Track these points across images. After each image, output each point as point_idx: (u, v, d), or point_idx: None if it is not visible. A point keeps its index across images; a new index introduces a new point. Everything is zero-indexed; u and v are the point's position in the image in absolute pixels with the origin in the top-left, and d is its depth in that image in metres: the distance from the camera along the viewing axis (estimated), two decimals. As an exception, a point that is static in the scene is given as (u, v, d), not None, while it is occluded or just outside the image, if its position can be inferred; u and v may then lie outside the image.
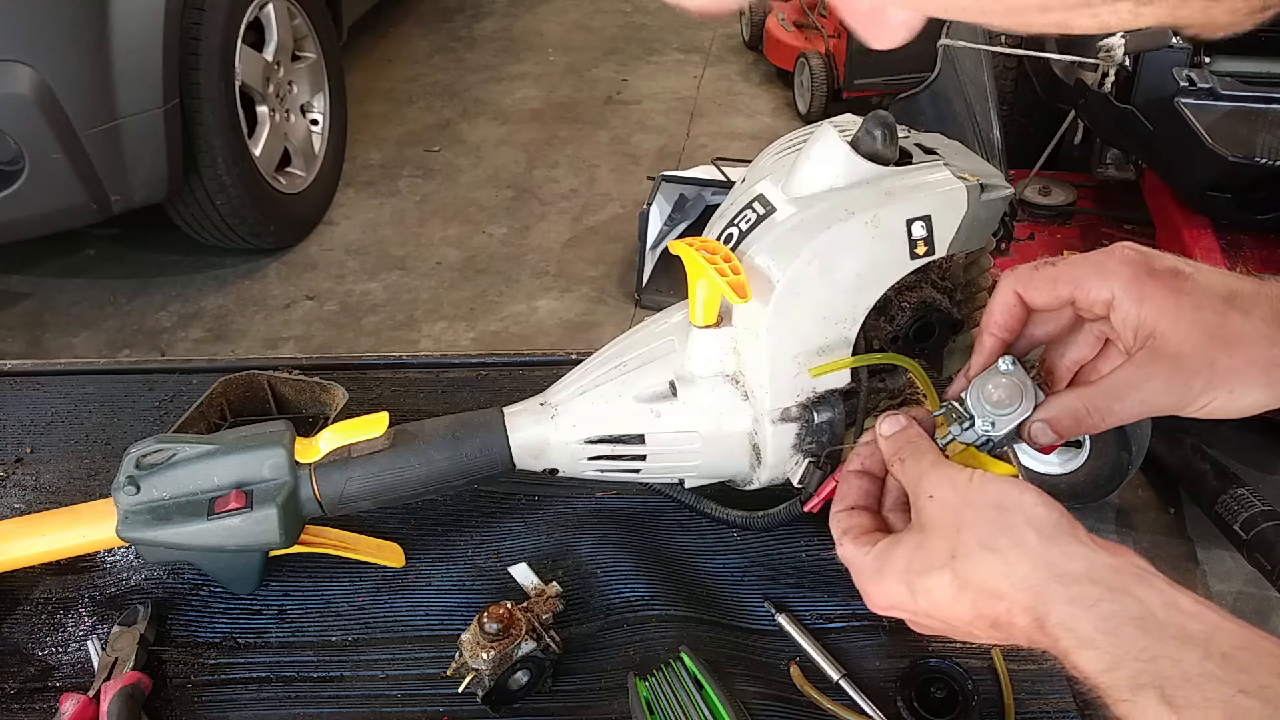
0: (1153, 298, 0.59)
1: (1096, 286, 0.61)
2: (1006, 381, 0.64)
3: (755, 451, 0.79)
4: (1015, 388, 0.63)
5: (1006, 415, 0.63)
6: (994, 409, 0.63)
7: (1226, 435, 2.30)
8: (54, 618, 0.84)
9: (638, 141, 3.94)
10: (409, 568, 0.87)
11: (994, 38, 2.52)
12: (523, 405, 0.83)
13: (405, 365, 1.12)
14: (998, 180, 0.74)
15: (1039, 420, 0.63)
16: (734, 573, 0.86)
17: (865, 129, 0.74)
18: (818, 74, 3.89)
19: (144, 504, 0.78)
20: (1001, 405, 0.63)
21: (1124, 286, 0.60)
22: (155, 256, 3.23)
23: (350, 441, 0.81)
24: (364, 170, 3.73)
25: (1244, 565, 2.02)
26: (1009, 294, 0.65)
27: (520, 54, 4.70)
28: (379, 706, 0.76)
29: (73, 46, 2.40)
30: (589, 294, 3.09)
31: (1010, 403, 0.63)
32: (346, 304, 3.07)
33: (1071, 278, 0.62)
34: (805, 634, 0.80)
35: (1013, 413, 0.63)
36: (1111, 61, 2.17)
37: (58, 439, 1.03)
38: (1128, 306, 0.60)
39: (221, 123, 2.78)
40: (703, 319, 0.76)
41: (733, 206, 0.78)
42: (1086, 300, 0.62)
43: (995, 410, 0.63)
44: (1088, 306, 0.62)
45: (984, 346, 0.66)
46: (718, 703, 0.72)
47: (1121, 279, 0.60)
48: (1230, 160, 2.04)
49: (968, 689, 0.74)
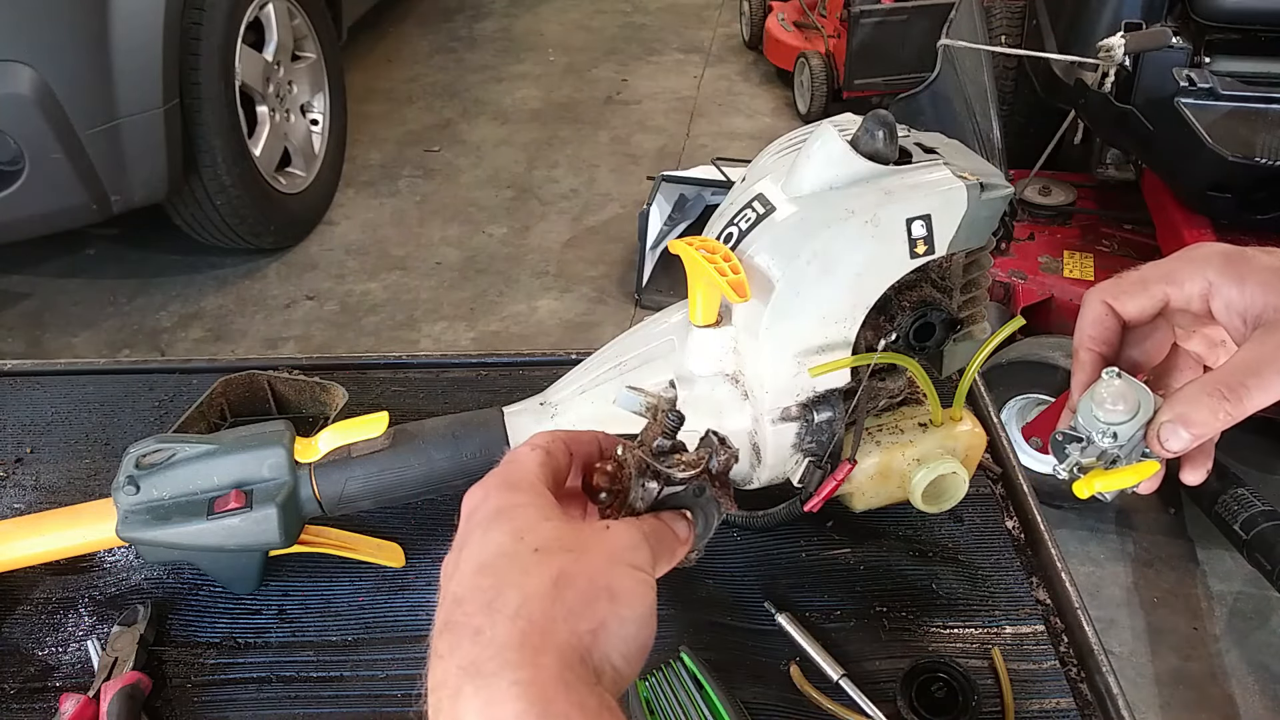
0: (1252, 276, 0.55)
1: (1190, 277, 0.57)
2: (1120, 384, 0.57)
3: (755, 451, 0.79)
4: (1130, 391, 0.56)
5: (1128, 422, 0.56)
6: (1110, 419, 0.56)
7: (1227, 435, 2.29)
8: (54, 618, 0.84)
9: (638, 141, 3.94)
10: (409, 568, 0.87)
11: (994, 38, 2.52)
12: (523, 405, 0.83)
13: (405, 365, 1.12)
14: (998, 179, 0.74)
15: (1166, 420, 0.55)
16: (734, 573, 0.86)
17: (865, 128, 0.74)
18: (818, 74, 3.89)
19: (144, 504, 0.78)
20: (1118, 412, 0.56)
21: (1218, 271, 0.56)
22: (155, 256, 3.23)
23: (350, 441, 0.81)
24: (364, 170, 3.73)
25: (1244, 565, 2.02)
26: (1098, 305, 0.60)
27: (520, 54, 4.70)
28: (379, 706, 0.76)
29: (73, 46, 2.40)
30: (589, 294, 3.10)
31: (1129, 407, 0.56)
32: (346, 304, 3.07)
33: (1160, 275, 0.58)
34: (805, 634, 0.80)
35: (1133, 417, 0.56)
36: (1111, 61, 2.17)
37: (58, 439, 1.03)
38: (1228, 291, 0.56)
39: (221, 123, 2.79)
40: (702, 318, 0.76)
41: (732, 206, 0.78)
42: (1181, 296, 0.57)
43: (1112, 420, 0.56)
44: (1184, 304, 0.58)
45: (1083, 363, 0.60)
46: (718, 703, 0.72)
47: (1213, 264, 0.57)
48: (1230, 160, 2.04)
49: (968, 689, 0.74)
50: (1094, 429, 0.57)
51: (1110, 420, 0.56)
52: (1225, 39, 2.28)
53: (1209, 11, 2.27)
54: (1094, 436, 0.57)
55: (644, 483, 0.56)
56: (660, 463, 0.56)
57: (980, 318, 0.83)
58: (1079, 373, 0.60)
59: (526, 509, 0.50)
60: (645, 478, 0.56)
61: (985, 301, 0.85)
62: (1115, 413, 0.56)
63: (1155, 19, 2.33)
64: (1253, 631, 2.04)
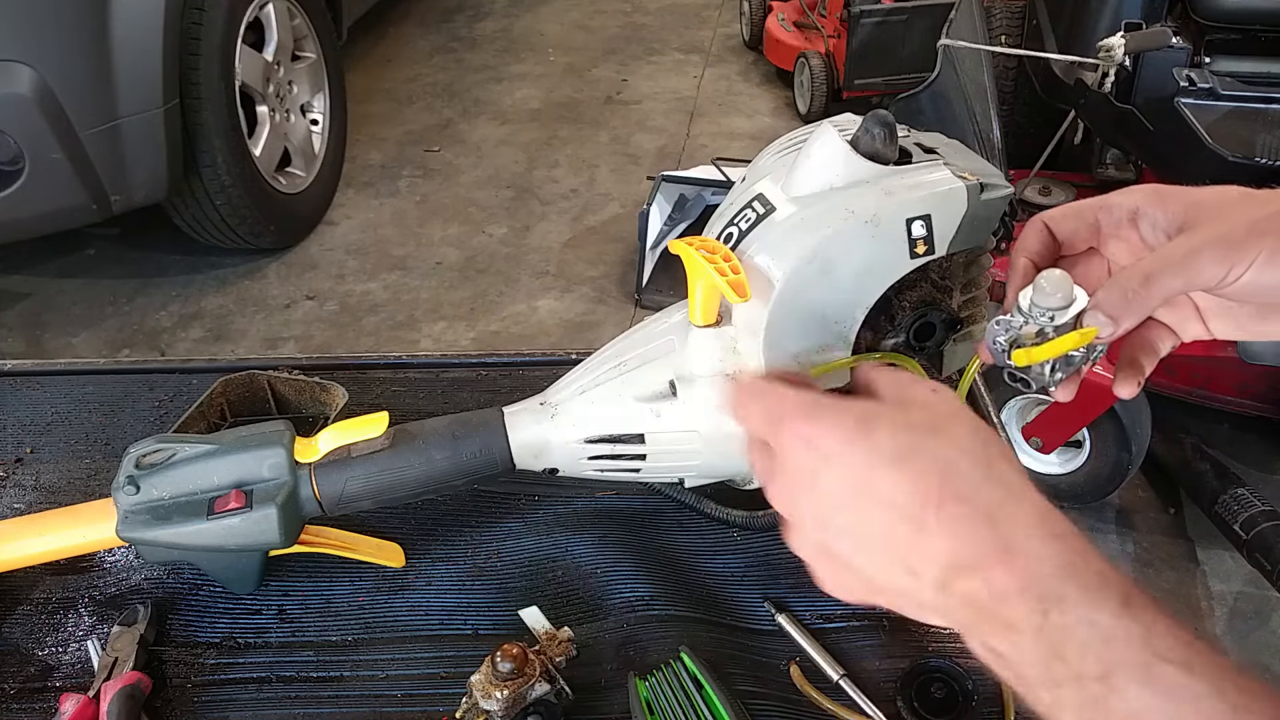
0: (1176, 198, 0.61)
1: (1119, 204, 0.63)
2: (1059, 274, 0.62)
3: (755, 451, 0.79)
4: (1065, 283, 0.62)
5: (1063, 309, 0.61)
6: (1048, 304, 0.61)
7: (1226, 435, 2.30)
8: (54, 618, 0.84)
9: (638, 141, 3.94)
10: (409, 568, 0.87)
11: (994, 38, 2.52)
12: (523, 405, 0.83)
13: (405, 365, 1.12)
14: (998, 179, 0.74)
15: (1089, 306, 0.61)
16: (734, 573, 0.86)
17: (865, 128, 0.74)
18: (818, 74, 3.89)
19: (144, 504, 0.78)
20: (1056, 298, 0.61)
21: (1144, 196, 0.62)
22: (155, 256, 3.23)
23: (350, 441, 0.81)
24: (364, 170, 3.73)
25: (1244, 565, 2.02)
26: (1037, 223, 0.66)
27: (520, 54, 4.70)
28: (379, 706, 0.76)
29: (73, 46, 2.40)
30: (589, 294, 3.09)
31: (1065, 296, 0.61)
32: (346, 304, 3.07)
33: (1094, 203, 0.65)
34: (805, 634, 0.80)
35: (1069, 306, 0.61)
36: (1111, 61, 2.17)
37: (58, 439, 1.03)
38: (1153, 212, 0.61)
39: (221, 123, 2.79)
40: (702, 318, 0.76)
41: (732, 206, 0.78)
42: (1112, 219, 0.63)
43: (1050, 305, 0.61)
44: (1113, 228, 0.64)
45: (1018, 268, 0.66)
46: (718, 703, 0.72)
47: (1143, 192, 0.62)
48: (1230, 160, 2.04)
49: (968, 689, 0.74)
50: (1034, 314, 0.62)
51: (1049, 305, 0.61)
52: (1225, 39, 2.28)
53: (1209, 11, 2.27)
54: (1033, 317, 0.62)
55: (541, 679, 0.70)
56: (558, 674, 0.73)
57: (980, 318, 0.83)
58: (1015, 277, 0.66)
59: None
60: (541, 679, 0.70)
61: (985, 301, 0.84)
62: (1054, 298, 0.61)
63: (1155, 19, 2.33)
64: (1253, 631, 2.04)
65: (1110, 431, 2.12)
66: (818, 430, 0.53)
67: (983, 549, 0.48)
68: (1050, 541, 0.48)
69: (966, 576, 0.48)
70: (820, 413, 0.54)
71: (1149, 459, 2.19)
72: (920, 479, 0.50)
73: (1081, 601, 0.46)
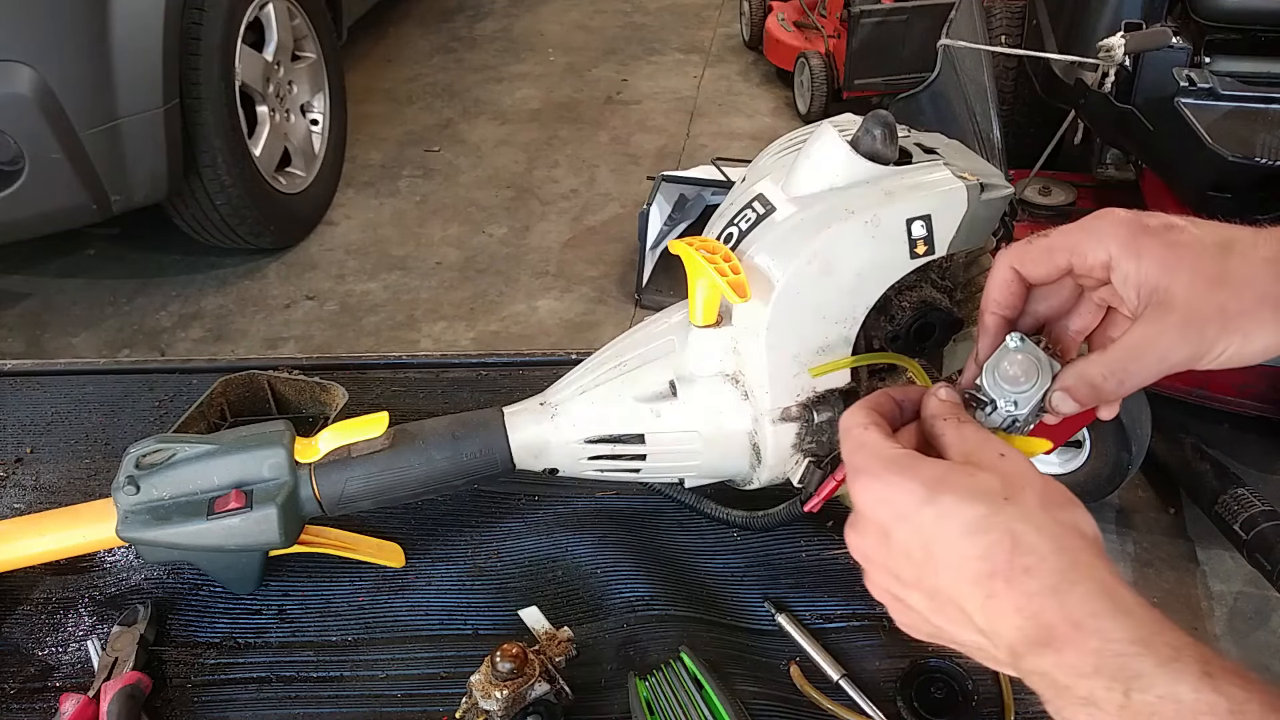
0: (1150, 252, 0.58)
1: (1092, 249, 0.60)
2: (1021, 358, 0.61)
3: (755, 451, 0.79)
4: (1030, 363, 0.61)
5: (1027, 391, 0.61)
6: (1013, 387, 0.61)
7: (1226, 435, 2.30)
8: (54, 618, 0.84)
9: (638, 141, 3.94)
10: (409, 568, 0.87)
11: (994, 38, 2.52)
12: (523, 405, 0.83)
13: (405, 365, 1.12)
14: (998, 179, 0.74)
15: (1058, 390, 0.61)
16: (734, 573, 0.86)
17: (865, 129, 0.74)
18: (818, 74, 3.89)
19: (144, 504, 0.78)
20: (1020, 382, 0.61)
21: (1120, 245, 0.59)
22: (155, 256, 3.23)
23: (350, 441, 0.81)
24: (364, 170, 3.73)
25: (1244, 565, 2.02)
26: (1005, 270, 0.63)
27: (520, 54, 4.70)
28: (379, 706, 0.76)
29: (73, 46, 2.40)
30: (589, 294, 3.09)
31: (1029, 378, 0.61)
32: (346, 304, 3.07)
33: (1066, 245, 0.61)
34: (805, 634, 0.80)
35: (1032, 387, 0.61)
36: (1111, 61, 2.17)
37: (58, 439, 1.03)
38: (1126, 265, 0.59)
39: (221, 123, 2.78)
40: (702, 319, 0.76)
41: (732, 206, 0.78)
42: (1084, 265, 0.61)
43: (1015, 389, 0.61)
44: (1086, 271, 0.61)
45: (988, 327, 0.64)
46: (718, 703, 0.72)
47: (1117, 238, 0.59)
48: (1230, 160, 2.04)
49: (968, 689, 0.74)
50: (999, 395, 0.62)
51: (1013, 389, 0.61)
52: (1225, 39, 2.28)
53: (1209, 11, 2.27)
54: (999, 403, 0.62)
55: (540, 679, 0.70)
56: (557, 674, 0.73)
57: (980, 318, 0.83)
58: (984, 337, 0.64)
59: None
60: (540, 679, 0.71)
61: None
62: (1019, 381, 0.61)
63: (1155, 19, 2.33)
64: (1253, 631, 2.04)
65: (1110, 431, 2.11)
66: (889, 491, 0.54)
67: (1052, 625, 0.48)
68: (1119, 617, 0.48)
69: (1037, 653, 0.48)
70: (892, 471, 0.55)
71: (1149, 459, 2.18)
72: (989, 552, 0.50)
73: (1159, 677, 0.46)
